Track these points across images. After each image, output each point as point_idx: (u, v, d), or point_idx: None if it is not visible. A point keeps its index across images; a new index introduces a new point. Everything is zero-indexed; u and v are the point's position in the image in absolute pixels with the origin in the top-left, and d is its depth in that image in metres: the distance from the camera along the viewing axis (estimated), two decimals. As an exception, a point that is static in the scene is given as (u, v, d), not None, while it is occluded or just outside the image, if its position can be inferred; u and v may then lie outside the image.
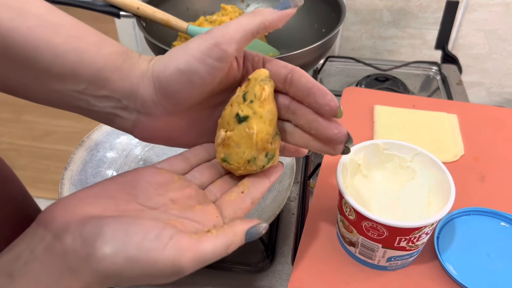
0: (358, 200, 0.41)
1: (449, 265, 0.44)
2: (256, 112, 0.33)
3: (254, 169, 0.35)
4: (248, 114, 0.33)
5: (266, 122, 0.34)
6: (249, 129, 0.33)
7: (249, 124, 0.33)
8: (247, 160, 0.34)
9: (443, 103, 0.68)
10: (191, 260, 0.27)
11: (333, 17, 0.71)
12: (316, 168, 0.59)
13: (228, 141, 0.34)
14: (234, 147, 0.34)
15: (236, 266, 0.49)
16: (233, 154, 0.34)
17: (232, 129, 0.34)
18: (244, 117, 0.33)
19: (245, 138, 0.34)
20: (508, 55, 0.99)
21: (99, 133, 0.59)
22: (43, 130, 1.72)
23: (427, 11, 0.94)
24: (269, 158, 0.35)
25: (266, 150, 0.35)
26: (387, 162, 0.47)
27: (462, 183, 0.53)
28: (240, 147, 0.34)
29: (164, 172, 0.35)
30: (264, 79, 0.34)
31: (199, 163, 0.37)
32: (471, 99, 1.03)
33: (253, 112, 0.33)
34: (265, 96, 0.33)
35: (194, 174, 0.37)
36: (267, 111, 0.34)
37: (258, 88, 0.33)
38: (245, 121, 0.33)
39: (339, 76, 0.83)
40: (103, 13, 0.65)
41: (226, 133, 0.34)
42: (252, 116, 0.33)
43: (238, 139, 0.34)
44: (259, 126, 0.33)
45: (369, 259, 0.44)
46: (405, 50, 1.02)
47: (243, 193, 0.35)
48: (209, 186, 0.37)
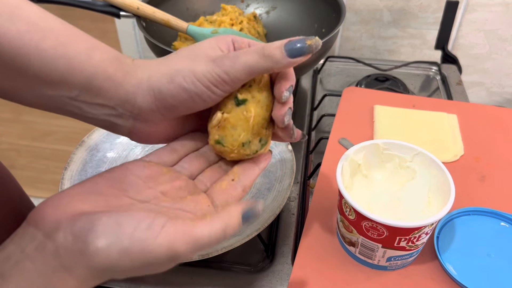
0: (358, 200, 0.41)
1: (449, 265, 0.44)
2: (254, 96, 0.34)
3: (247, 154, 0.35)
4: (247, 98, 0.34)
5: (263, 107, 0.34)
6: (246, 112, 0.34)
7: (247, 107, 0.34)
8: (242, 143, 0.34)
9: (443, 103, 0.68)
10: (186, 244, 0.27)
11: (333, 17, 0.71)
12: (316, 168, 0.59)
13: (224, 123, 0.34)
14: (230, 129, 0.34)
15: (236, 266, 0.49)
16: (228, 136, 0.34)
17: (230, 111, 0.34)
18: (243, 100, 0.34)
19: (242, 121, 0.34)
20: (508, 55, 0.99)
21: (99, 133, 0.59)
22: (43, 130, 1.72)
23: (427, 11, 0.94)
24: (262, 144, 0.36)
25: (260, 135, 0.35)
26: (387, 162, 0.47)
27: (462, 183, 0.53)
28: (236, 130, 0.34)
29: (152, 165, 0.35)
30: None
31: (187, 153, 0.37)
32: (471, 99, 1.03)
33: (251, 96, 0.34)
34: (264, 82, 0.34)
35: (183, 165, 0.36)
36: (265, 97, 0.34)
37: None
38: (243, 104, 0.34)
39: (339, 76, 0.83)
40: (103, 13, 0.65)
41: (223, 115, 0.34)
42: (250, 100, 0.34)
43: (235, 121, 0.34)
44: (257, 110, 0.34)
45: (369, 259, 0.44)
46: (405, 50, 1.02)
47: (233, 181, 0.35)
48: (199, 176, 0.37)
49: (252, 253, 0.50)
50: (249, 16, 0.77)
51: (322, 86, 0.81)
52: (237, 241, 0.45)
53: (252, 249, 0.50)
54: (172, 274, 0.47)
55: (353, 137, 0.61)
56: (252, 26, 0.71)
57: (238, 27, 0.70)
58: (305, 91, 0.78)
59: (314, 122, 0.70)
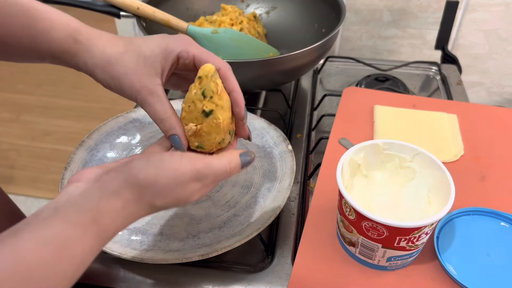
0: (358, 200, 0.41)
1: (449, 265, 0.44)
2: (218, 104, 0.39)
3: (223, 147, 0.42)
4: (212, 108, 0.39)
5: (226, 110, 0.40)
6: (216, 120, 0.39)
7: (215, 116, 0.39)
8: (218, 143, 0.41)
9: (443, 103, 0.68)
10: (204, 165, 0.35)
11: (333, 17, 0.71)
12: (316, 168, 0.59)
13: (199, 132, 0.40)
14: (205, 136, 0.40)
15: (236, 266, 0.49)
16: (205, 141, 0.41)
17: (201, 122, 0.40)
18: (210, 111, 0.39)
19: (213, 128, 0.40)
20: (508, 55, 0.99)
21: (99, 133, 0.59)
22: (43, 130, 1.72)
23: (427, 11, 0.94)
24: (231, 134, 0.42)
25: (229, 129, 0.41)
26: (387, 162, 0.48)
27: (462, 183, 0.53)
28: (211, 135, 0.40)
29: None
30: (213, 74, 0.39)
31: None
32: (471, 99, 1.03)
33: (215, 105, 0.39)
34: (220, 90, 0.39)
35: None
36: (225, 100, 0.40)
37: (213, 84, 0.39)
38: (211, 114, 0.39)
39: (339, 76, 0.83)
40: (103, 13, 0.65)
41: (196, 127, 0.40)
42: (215, 109, 0.39)
43: (208, 129, 0.40)
44: (223, 115, 0.40)
45: (369, 259, 0.44)
46: (405, 50, 1.02)
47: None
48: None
49: (252, 253, 0.50)
50: (249, 16, 0.77)
51: (322, 86, 0.81)
52: (237, 241, 0.45)
53: (252, 249, 0.50)
54: (173, 274, 0.47)
55: (353, 137, 0.61)
56: (252, 26, 0.71)
57: (238, 27, 0.70)
58: (305, 91, 0.78)
59: (314, 122, 0.70)
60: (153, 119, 0.40)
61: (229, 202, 0.52)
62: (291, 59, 0.60)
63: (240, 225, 0.49)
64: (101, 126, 0.60)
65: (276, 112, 0.68)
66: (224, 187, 0.54)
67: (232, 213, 0.51)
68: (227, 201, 0.52)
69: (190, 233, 0.48)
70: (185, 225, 0.49)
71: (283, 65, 0.60)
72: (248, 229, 0.47)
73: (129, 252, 0.45)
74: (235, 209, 0.51)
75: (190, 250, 0.46)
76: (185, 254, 0.45)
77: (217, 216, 0.50)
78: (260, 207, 0.51)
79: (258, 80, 0.62)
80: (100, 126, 0.60)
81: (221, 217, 0.50)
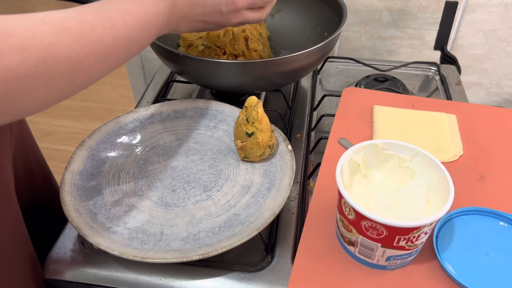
0: (358, 199, 0.41)
1: (448, 265, 0.44)
2: (257, 128, 0.53)
3: (265, 157, 0.56)
4: (253, 131, 0.53)
5: (265, 132, 0.54)
6: (256, 139, 0.53)
7: (255, 136, 0.53)
8: (259, 155, 0.55)
9: (442, 103, 0.69)
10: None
11: (335, 21, 0.71)
12: (316, 168, 0.59)
13: (244, 147, 0.55)
14: (249, 150, 0.55)
15: (236, 266, 0.49)
16: (250, 154, 0.55)
17: (245, 140, 0.54)
18: (251, 133, 0.53)
19: (255, 145, 0.54)
20: (507, 56, 0.99)
21: (100, 133, 0.59)
22: (43, 130, 1.72)
23: (426, 12, 0.95)
24: (272, 148, 0.56)
25: (269, 145, 0.55)
26: (387, 162, 0.48)
27: (461, 183, 0.53)
28: (253, 150, 0.54)
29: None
30: (256, 104, 0.53)
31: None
32: (470, 99, 1.03)
33: (255, 128, 0.53)
34: (259, 117, 0.53)
35: None
36: (264, 125, 0.54)
37: (255, 113, 0.53)
38: (253, 135, 0.53)
39: (338, 77, 0.83)
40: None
41: (242, 143, 0.54)
42: (256, 131, 0.53)
43: (251, 146, 0.54)
44: (262, 135, 0.53)
45: (368, 259, 0.45)
46: (404, 51, 1.02)
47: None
48: None
49: (252, 252, 0.50)
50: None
51: (322, 86, 0.81)
52: (237, 240, 0.45)
53: (252, 249, 0.51)
54: (173, 274, 0.47)
55: (353, 137, 0.61)
56: (254, 28, 0.71)
57: (240, 29, 0.70)
58: (305, 91, 0.78)
59: (314, 122, 0.70)
60: None
61: (229, 201, 0.52)
62: (293, 61, 0.60)
63: (240, 224, 0.49)
64: (102, 126, 0.60)
65: (276, 112, 0.68)
66: (224, 186, 0.54)
67: (232, 213, 0.51)
68: (227, 200, 0.52)
69: (190, 233, 0.48)
70: (185, 224, 0.50)
71: (283, 67, 0.60)
72: (248, 228, 0.48)
73: (130, 252, 0.45)
74: (235, 208, 0.51)
75: (190, 250, 0.46)
76: (185, 254, 0.45)
77: (217, 215, 0.51)
78: (260, 206, 0.51)
79: (258, 81, 0.62)
80: (100, 126, 0.60)
81: (221, 216, 0.50)
